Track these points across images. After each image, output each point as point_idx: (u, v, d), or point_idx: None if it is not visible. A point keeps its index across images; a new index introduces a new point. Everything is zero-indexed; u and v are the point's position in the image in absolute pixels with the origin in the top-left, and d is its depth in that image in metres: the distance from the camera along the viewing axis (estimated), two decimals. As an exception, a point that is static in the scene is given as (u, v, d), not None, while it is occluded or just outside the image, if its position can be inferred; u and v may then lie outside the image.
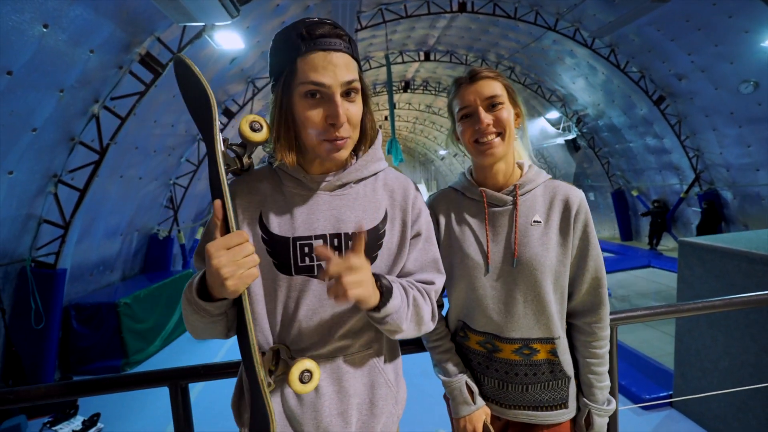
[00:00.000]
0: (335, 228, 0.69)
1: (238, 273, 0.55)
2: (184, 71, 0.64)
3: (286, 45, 0.63)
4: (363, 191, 0.72)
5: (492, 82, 0.84)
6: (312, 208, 0.69)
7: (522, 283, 0.83)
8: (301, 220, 0.68)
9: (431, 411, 1.17)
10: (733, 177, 7.32)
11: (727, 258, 2.26)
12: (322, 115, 0.62)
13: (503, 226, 0.87)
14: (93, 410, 3.36)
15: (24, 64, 2.80)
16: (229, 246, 0.55)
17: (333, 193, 0.70)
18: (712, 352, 2.39)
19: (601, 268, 0.86)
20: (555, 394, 0.87)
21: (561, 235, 0.84)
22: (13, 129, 3.02)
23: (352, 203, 0.70)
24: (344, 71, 0.62)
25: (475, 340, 0.90)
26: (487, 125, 0.83)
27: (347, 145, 0.66)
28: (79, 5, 2.92)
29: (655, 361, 3.56)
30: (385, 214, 0.72)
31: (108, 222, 4.89)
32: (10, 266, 3.55)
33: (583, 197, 0.86)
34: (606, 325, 0.88)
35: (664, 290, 6.46)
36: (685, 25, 5.96)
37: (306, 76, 0.61)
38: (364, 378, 0.72)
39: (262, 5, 4.93)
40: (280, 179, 0.71)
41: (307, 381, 0.63)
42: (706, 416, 2.54)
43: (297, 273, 0.67)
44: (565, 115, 10.59)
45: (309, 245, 0.67)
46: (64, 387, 0.90)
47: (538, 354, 0.85)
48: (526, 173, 0.90)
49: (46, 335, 3.74)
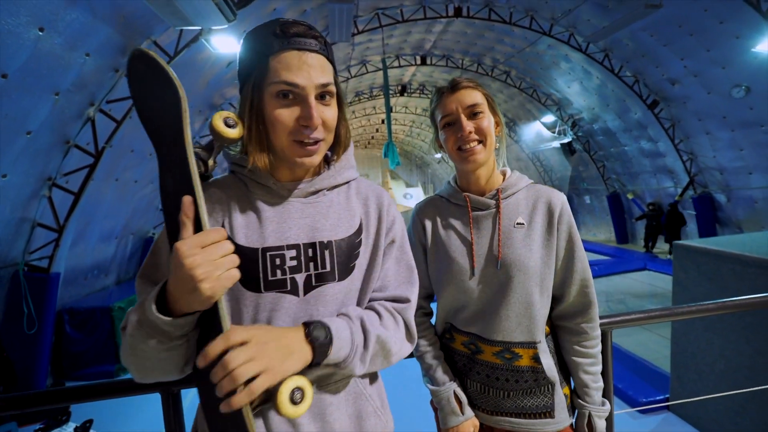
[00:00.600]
0: (309, 237, 0.62)
1: (215, 274, 0.47)
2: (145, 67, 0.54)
3: (258, 43, 0.59)
4: (337, 199, 0.68)
5: (472, 92, 0.86)
6: (283, 216, 0.63)
7: (506, 284, 0.84)
8: (271, 229, 0.61)
9: (427, 418, 1.15)
10: (726, 180, 7.40)
11: (720, 261, 2.28)
12: (293, 116, 0.58)
13: (487, 229, 0.88)
14: (85, 416, 3.31)
15: (19, 67, 2.78)
16: (204, 244, 0.47)
17: (305, 200, 0.65)
18: (708, 354, 2.40)
19: (588, 268, 0.87)
20: (538, 401, 0.85)
21: (545, 237, 0.85)
22: (8, 132, 3.00)
23: (326, 211, 0.65)
24: (319, 73, 0.58)
25: (460, 341, 0.90)
26: (469, 132, 0.85)
27: (320, 149, 0.61)
28: (75, 9, 2.91)
29: (652, 364, 3.57)
30: (360, 222, 0.67)
31: (103, 225, 4.85)
32: (2, 270, 3.51)
33: (565, 200, 0.88)
34: (596, 324, 0.88)
35: (660, 293, 6.50)
36: (677, 30, 6.06)
37: (278, 75, 0.57)
38: (349, 408, 0.64)
39: (258, 9, 4.95)
40: (246, 187, 0.65)
41: (299, 401, 0.51)
42: (703, 419, 2.55)
43: (267, 289, 0.59)
44: (561, 119, 10.68)
45: (281, 256, 0.60)
46: (56, 393, 0.88)
47: (520, 359, 0.85)
48: (509, 178, 0.92)
49: (38, 340, 3.69)
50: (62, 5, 2.80)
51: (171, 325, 0.49)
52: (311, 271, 0.61)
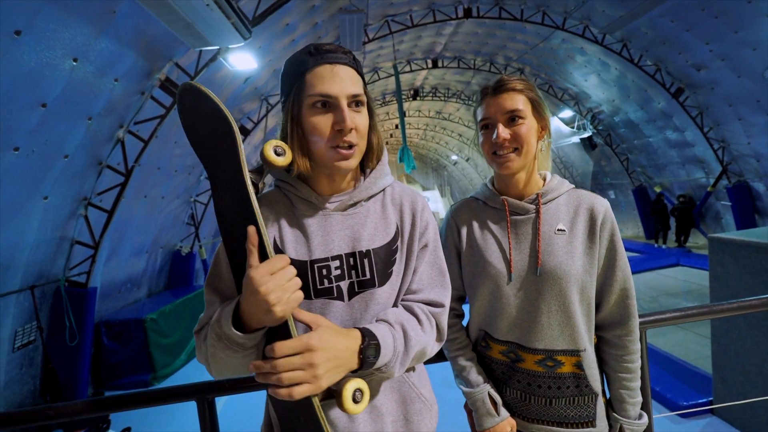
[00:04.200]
0: (351, 247, 0.68)
1: (285, 298, 0.53)
2: (194, 99, 0.59)
3: (295, 64, 0.66)
4: (373, 208, 0.72)
5: (516, 96, 0.83)
6: (326, 229, 0.68)
7: (546, 292, 0.81)
8: (316, 242, 0.67)
9: (455, 421, 1.14)
10: (764, 167, 6.95)
11: (762, 253, 2.15)
12: (329, 122, 0.63)
13: (526, 235, 0.86)
14: (124, 424, 3.46)
15: (56, 96, 2.99)
16: (273, 271, 0.54)
17: (345, 212, 0.70)
18: (754, 354, 2.25)
19: (629, 278, 0.83)
20: (581, 411, 0.83)
21: (587, 244, 0.82)
22: (48, 157, 3.22)
23: (364, 221, 0.70)
24: (350, 84, 0.64)
25: (498, 350, 0.88)
26: (503, 140, 0.82)
27: (355, 154, 0.66)
28: (104, 38, 3.11)
29: (691, 365, 3.38)
30: (396, 229, 0.72)
31: (134, 241, 5.10)
32: (46, 286, 3.74)
33: (608, 206, 0.84)
34: (636, 338, 0.85)
35: (696, 289, 6.15)
36: (700, 14, 5.79)
37: (314, 88, 0.63)
38: (395, 394, 0.71)
39: (272, 25, 5.11)
40: (291, 203, 0.70)
41: (359, 400, 0.58)
42: (751, 423, 2.38)
43: (316, 296, 0.66)
44: (579, 113, 10.38)
45: (327, 267, 0.66)
46: (97, 402, 0.94)
47: (562, 366, 0.82)
48: (549, 182, 0.89)
49: (79, 352, 3.90)
50: (93, 36, 3.00)
51: (246, 338, 0.56)
52: (354, 279, 0.67)
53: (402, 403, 0.71)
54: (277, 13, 4.46)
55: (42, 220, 3.42)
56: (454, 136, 17.25)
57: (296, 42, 6.18)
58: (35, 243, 3.42)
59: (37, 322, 3.60)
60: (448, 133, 17.38)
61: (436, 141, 19.70)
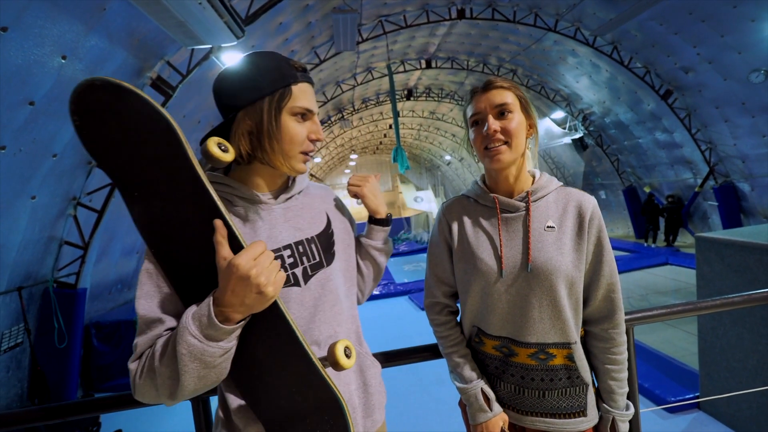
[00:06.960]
0: (296, 237, 0.75)
1: (272, 278, 0.56)
2: (111, 98, 0.52)
3: (280, 70, 0.70)
4: (303, 200, 0.81)
5: (504, 92, 0.86)
6: (272, 222, 0.74)
7: (537, 287, 0.83)
8: (265, 235, 0.72)
9: (448, 419, 1.16)
10: (749, 168, 7.12)
11: (747, 252, 2.20)
12: (305, 132, 0.72)
13: (517, 231, 0.87)
14: (115, 426, 3.41)
15: (45, 94, 2.94)
16: (256, 256, 0.56)
17: (284, 205, 0.77)
18: (739, 350, 2.31)
19: (615, 273, 0.86)
20: (573, 401, 0.86)
21: (575, 240, 0.85)
22: (36, 156, 3.16)
23: (301, 212, 0.79)
24: (315, 101, 0.76)
25: (491, 345, 0.90)
26: (494, 131, 0.84)
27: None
28: (94, 36, 3.06)
29: (679, 361, 3.45)
30: (326, 216, 0.83)
31: (124, 241, 5.02)
32: (34, 287, 3.67)
33: (595, 203, 0.87)
34: (623, 330, 0.87)
35: (684, 287, 6.28)
36: (688, 17, 5.91)
37: (300, 101, 0.70)
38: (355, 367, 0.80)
39: (265, 25, 5.08)
40: (229, 202, 0.73)
41: (350, 355, 0.65)
42: (736, 418, 2.44)
43: None
44: (571, 114, 10.51)
45: (280, 257, 0.72)
46: (87, 404, 0.93)
47: (554, 359, 0.85)
48: (538, 180, 0.91)
49: (68, 354, 3.83)
50: (82, 33, 2.95)
51: (237, 327, 0.58)
52: (306, 264, 0.74)
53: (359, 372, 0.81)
54: (270, 12, 4.44)
55: (29, 220, 3.35)
56: (448, 136, 17.32)
57: (289, 41, 6.14)
58: (22, 243, 3.35)
59: (24, 324, 3.53)
60: (441, 133, 17.45)
61: (429, 141, 19.75)
